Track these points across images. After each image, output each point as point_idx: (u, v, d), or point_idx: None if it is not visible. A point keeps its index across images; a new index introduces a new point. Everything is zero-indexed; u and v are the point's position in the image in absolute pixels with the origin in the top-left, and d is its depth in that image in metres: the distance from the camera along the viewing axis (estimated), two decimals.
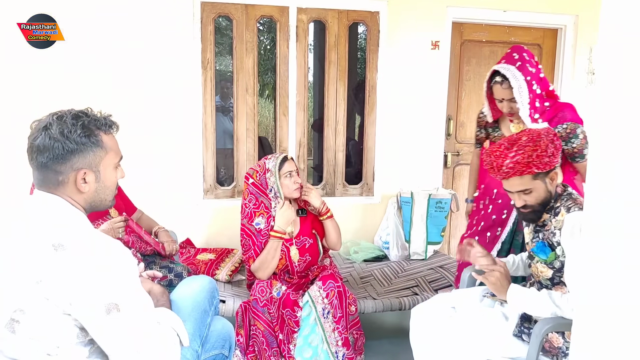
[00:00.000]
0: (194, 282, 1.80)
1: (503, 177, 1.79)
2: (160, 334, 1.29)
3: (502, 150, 1.76)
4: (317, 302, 2.33)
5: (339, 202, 3.67)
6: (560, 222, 1.77)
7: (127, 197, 2.72)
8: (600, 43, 1.00)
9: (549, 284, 1.87)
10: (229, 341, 1.79)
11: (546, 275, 1.87)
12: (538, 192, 1.79)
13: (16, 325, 1.14)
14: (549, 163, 1.74)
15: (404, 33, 3.62)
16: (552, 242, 1.81)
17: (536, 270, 1.91)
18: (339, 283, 2.36)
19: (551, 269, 1.85)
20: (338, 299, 2.32)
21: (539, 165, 1.72)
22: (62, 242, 1.15)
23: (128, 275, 1.22)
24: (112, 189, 1.38)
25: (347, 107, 3.69)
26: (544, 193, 1.80)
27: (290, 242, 2.55)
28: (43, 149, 1.22)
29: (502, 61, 2.22)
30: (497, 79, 2.20)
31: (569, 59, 3.89)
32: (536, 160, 1.71)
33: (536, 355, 1.71)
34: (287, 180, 2.48)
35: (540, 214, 1.85)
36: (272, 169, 2.47)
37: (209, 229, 3.53)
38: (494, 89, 2.23)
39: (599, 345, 1.02)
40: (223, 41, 4.91)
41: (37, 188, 1.27)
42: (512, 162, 1.73)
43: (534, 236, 1.92)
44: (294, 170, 2.50)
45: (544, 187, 1.79)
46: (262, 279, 2.45)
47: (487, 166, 1.83)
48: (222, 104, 4.75)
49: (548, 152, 1.72)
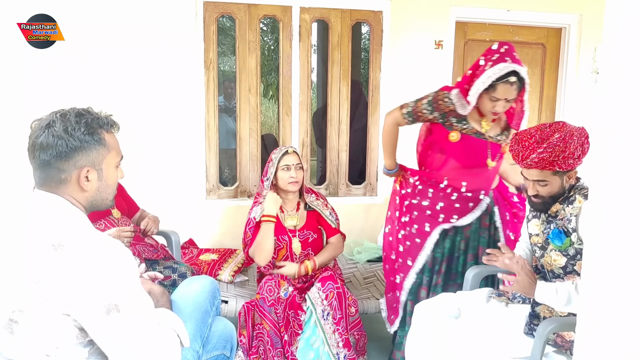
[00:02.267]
0: (195, 282, 1.79)
1: (524, 167, 1.81)
2: (160, 334, 1.28)
3: (532, 143, 1.75)
4: (316, 304, 2.33)
5: (342, 202, 3.66)
6: (577, 208, 1.77)
7: (129, 197, 2.73)
8: (604, 42, 0.99)
9: (562, 273, 1.85)
10: (230, 342, 1.78)
11: (559, 263, 1.84)
12: (552, 186, 1.80)
13: (15, 325, 1.13)
14: (573, 165, 1.75)
15: (408, 32, 3.61)
16: (568, 229, 1.80)
17: (549, 260, 1.89)
18: (338, 284, 2.35)
19: (565, 256, 1.83)
20: (337, 300, 2.32)
21: (562, 165, 1.73)
22: (62, 242, 1.14)
23: (128, 275, 1.21)
24: (113, 188, 1.38)
25: (350, 106, 3.69)
26: (558, 188, 1.81)
27: (294, 234, 2.59)
28: (46, 147, 1.22)
29: (506, 59, 2.13)
30: (511, 78, 2.12)
31: (573, 59, 3.87)
32: (561, 160, 1.72)
33: (540, 354, 1.70)
34: (283, 173, 2.56)
35: (549, 206, 1.85)
36: (274, 159, 2.58)
37: (212, 229, 3.53)
38: (502, 87, 2.14)
39: (603, 344, 1.01)
40: (226, 41, 4.92)
41: (37, 187, 1.27)
42: (538, 158, 1.73)
43: (546, 227, 1.90)
44: (292, 165, 2.56)
45: (560, 183, 1.80)
46: (259, 264, 2.52)
47: (512, 152, 1.83)
48: (226, 105, 4.75)
49: (575, 154, 1.72)
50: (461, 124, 2.32)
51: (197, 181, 3.47)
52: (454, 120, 2.32)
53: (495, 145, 2.37)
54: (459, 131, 2.32)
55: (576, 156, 1.72)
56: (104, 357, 1.23)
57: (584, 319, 1.07)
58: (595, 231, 1.03)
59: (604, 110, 0.98)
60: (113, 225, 2.44)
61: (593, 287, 1.04)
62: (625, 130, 0.92)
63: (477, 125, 2.33)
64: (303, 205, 2.68)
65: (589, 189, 1.52)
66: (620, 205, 0.94)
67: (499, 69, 2.11)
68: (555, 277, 1.89)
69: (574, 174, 1.83)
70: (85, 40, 3.15)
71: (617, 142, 0.94)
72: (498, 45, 2.19)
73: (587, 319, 1.06)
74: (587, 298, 1.06)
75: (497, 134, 2.38)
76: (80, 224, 1.24)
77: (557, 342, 1.83)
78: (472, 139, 2.34)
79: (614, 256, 0.96)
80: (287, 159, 2.56)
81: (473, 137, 2.33)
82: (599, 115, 0.99)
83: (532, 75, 3.94)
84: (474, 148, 2.34)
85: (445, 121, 2.34)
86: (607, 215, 0.98)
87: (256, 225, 2.56)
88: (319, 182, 3.94)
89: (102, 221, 2.39)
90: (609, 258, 0.98)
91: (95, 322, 1.16)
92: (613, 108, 0.96)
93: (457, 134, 2.33)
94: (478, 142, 2.34)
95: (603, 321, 1.00)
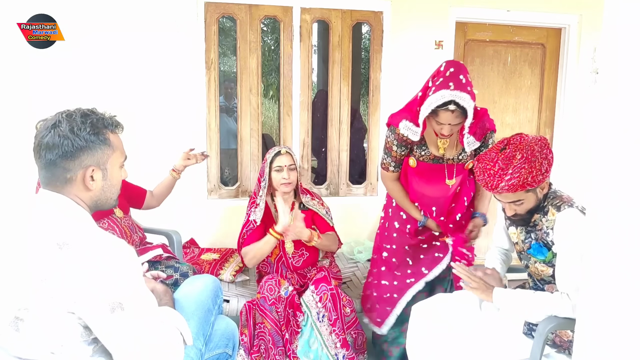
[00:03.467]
0: (197, 281, 1.80)
1: (496, 194, 1.80)
2: (164, 333, 1.29)
3: (497, 171, 1.73)
4: (311, 307, 2.34)
5: (343, 201, 3.67)
6: (551, 221, 1.79)
7: (132, 186, 2.67)
8: (602, 43, 1.00)
9: (552, 280, 1.88)
10: (232, 340, 1.79)
11: (547, 273, 1.88)
12: (529, 202, 1.81)
13: (20, 323, 1.15)
14: (542, 179, 1.73)
15: (408, 33, 3.62)
16: (547, 242, 1.82)
17: (536, 270, 1.92)
18: (331, 285, 2.35)
19: (551, 267, 1.86)
20: (332, 302, 2.32)
21: (533, 184, 1.72)
22: (67, 240, 1.15)
23: (132, 274, 1.22)
24: (118, 188, 1.40)
25: (350, 106, 3.70)
26: (534, 202, 1.82)
27: None
28: (52, 147, 1.23)
29: (449, 85, 2.03)
30: (450, 107, 2.04)
31: (572, 59, 3.88)
32: (530, 180, 1.71)
33: (540, 354, 1.71)
34: (276, 174, 2.54)
35: (530, 218, 1.87)
36: (267, 159, 2.57)
37: (213, 229, 3.54)
38: (444, 114, 2.08)
39: (602, 343, 1.02)
40: (227, 42, 4.92)
41: (42, 187, 1.28)
42: (508, 185, 1.72)
43: (525, 237, 1.92)
44: (284, 166, 2.53)
45: (535, 196, 1.81)
46: (247, 264, 2.53)
47: (480, 182, 1.81)
48: (227, 105, 4.76)
49: (542, 169, 1.72)
50: (420, 149, 2.32)
51: (198, 181, 3.48)
52: (416, 147, 2.33)
53: (457, 165, 2.36)
54: (416, 158, 2.34)
55: (544, 171, 1.71)
56: (107, 354, 1.24)
57: (583, 318, 1.08)
58: (595, 232, 1.03)
59: (603, 111, 0.99)
60: (115, 224, 2.45)
61: (592, 287, 1.05)
62: (624, 129, 0.93)
63: (434, 148, 2.31)
64: (298, 205, 2.67)
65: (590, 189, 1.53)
66: (620, 206, 0.94)
67: (437, 97, 2.04)
68: (547, 283, 1.92)
69: (547, 184, 1.83)
70: (86, 40, 3.16)
71: (617, 142, 0.95)
72: (445, 67, 2.10)
73: (586, 318, 1.06)
74: (586, 298, 1.06)
75: (458, 152, 2.34)
76: (85, 223, 1.25)
77: (555, 342, 1.84)
78: (429, 164, 2.34)
79: (613, 257, 0.97)
80: (280, 160, 2.54)
81: (429, 163, 2.34)
82: (597, 116, 1.00)
83: (532, 76, 3.95)
84: (431, 170, 2.35)
85: (411, 149, 2.35)
86: (607, 216, 0.98)
87: (256, 228, 2.55)
88: (321, 181, 3.94)
89: (104, 220, 2.41)
90: (608, 259, 0.98)
91: (99, 320, 1.17)
92: (611, 108, 0.97)
93: (414, 160, 2.36)
94: (435, 166, 2.34)
95: (602, 320, 1.01)
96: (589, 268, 1.05)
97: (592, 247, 1.05)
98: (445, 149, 2.30)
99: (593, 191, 1.03)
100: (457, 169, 2.35)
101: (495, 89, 3.92)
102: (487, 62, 3.87)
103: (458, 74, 2.05)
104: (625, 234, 0.94)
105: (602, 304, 1.01)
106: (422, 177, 2.38)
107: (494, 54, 3.87)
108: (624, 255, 0.94)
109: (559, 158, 4.02)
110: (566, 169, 3.93)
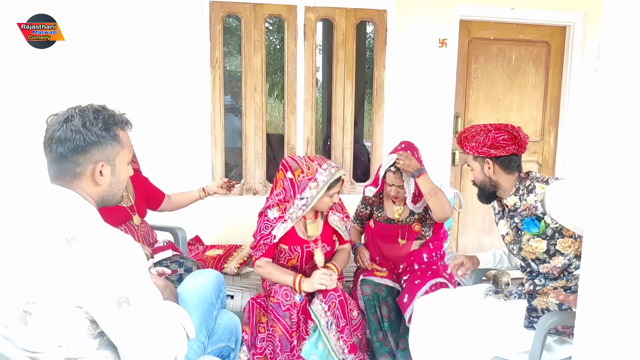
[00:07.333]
0: (201, 275, 1.82)
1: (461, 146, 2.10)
2: (168, 326, 1.32)
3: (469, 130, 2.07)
4: (320, 316, 2.31)
5: (346, 199, 3.64)
6: (540, 195, 1.91)
7: (153, 187, 2.73)
8: (603, 41, 1.00)
9: (546, 257, 1.94)
10: (235, 334, 1.81)
11: (541, 249, 1.95)
12: (475, 171, 2.06)
13: (28, 317, 1.16)
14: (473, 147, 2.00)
15: (412, 31, 3.63)
16: (538, 215, 1.91)
17: (530, 249, 1.97)
18: (339, 292, 2.33)
19: (544, 239, 1.92)
20: (340, 308, 2.31)
21: (467, 147, 2.03)
22: (75, 235, 1.17)
23: (138, 269, 1.24)
24: (124, 184, 1.42)
25: (355, 104, 3.71)
26: (479, 175, 2.04)
27: (315, 244, 2.47)
28: (64, 140, 1.25)
29: (397, 149, 2.55)
30: (392, 169, 2.51)
31: (577, 57, 3.88)
32: (465, 142, 2.04)
33: (540, 348, 1.73)
34: (327, 199, 2.39)
35: (488, 197, 2.08)
36: (321, 183, 2.34)
37: (218, 226, 3.56)
38: (388, 175, 2.55)
39: (603, 336, 1.03)
40: (232, 41, 4.93)
41: (51, 181, 1.30)
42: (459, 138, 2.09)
43: (511, 223, 2.03)
44: (337, 192, 2.42)
45: (479, 168, 2.04)
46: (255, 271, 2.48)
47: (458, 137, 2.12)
48: (233, 104, 4.76)
49: (478, 138, 2.00)
50: (378, 211, 2.75)
51: (203, 179, 3.51)
52: (374, 209, 2.77)
53: (409, 226, 2.68)
54: (374, 219, 2.76)
55: (476, 140, 1.99)
56: (113, 347, 1.26)
57: (584, 313, 1.08)
58: (594, 227, 1.04)
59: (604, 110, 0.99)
60: (133, 230, 2.46)
61: (592, 281, 1.06)
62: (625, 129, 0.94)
63: (390, 211, 2.70)
64: (320, 214, 2.55)
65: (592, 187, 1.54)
66: (620, 203, 0.95)
67: (387, 159, 2.53)
68: (542, 263, 1.95)
69: (489, 168, 2.01)
70: (91, 39, 3.19)
71: (617, 142, 0.96)
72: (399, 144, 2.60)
73: (586, 312, 1.07)
74: (587, 292, 1.07)
75: (409, 215, 2.67)
76: (93, 218, 1.26)
77: (558, 330, 1.86)
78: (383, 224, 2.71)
79: (613, 251, 0.97)
80: (337, 187, 2.39)
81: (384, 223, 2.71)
82: (598, 115, 1.01)
83: (537, 74, 3.95)
84: (386, 230, 2.71)
85: (371, 211, 2.80)
86: (607, 213, 0.99)
87: (273, 245, 2.40)
88: None
89: (122, 227, 2.41)
90: (607, 253, 0.99)
91: (106, 315, 1.18)
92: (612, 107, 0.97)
93: (372, 221, 2.78)
94: (389, 226, 2.70)
95: (602, 314, 1.02)
96: (589, 265, 1.06)
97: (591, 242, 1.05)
98: (400, 214, 2.68)
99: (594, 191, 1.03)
100: (408, 231, 2.68)
101: (499, 87, 3.92)
102: (492, 60, 3.88)
103: (406, 149, 2.53)
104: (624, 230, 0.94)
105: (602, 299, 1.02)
106: (379, 234, 2.74)
107: (498, 52, 3.88)
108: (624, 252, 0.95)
109: (563, 155, 4.02)
110: (570, 166, 3.92)
